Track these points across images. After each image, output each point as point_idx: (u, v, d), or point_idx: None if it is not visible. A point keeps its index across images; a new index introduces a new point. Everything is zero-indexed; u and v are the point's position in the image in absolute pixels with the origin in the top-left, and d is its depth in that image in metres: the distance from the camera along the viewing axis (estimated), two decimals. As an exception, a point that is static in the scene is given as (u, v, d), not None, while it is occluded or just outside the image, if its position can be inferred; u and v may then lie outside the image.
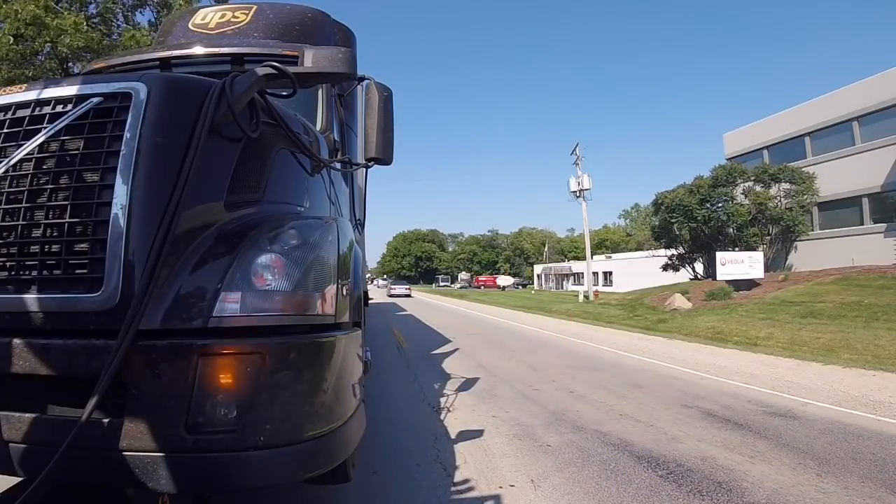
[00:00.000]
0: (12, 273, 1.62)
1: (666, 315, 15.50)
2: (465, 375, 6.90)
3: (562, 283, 58.91)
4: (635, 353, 9.45)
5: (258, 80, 1.92)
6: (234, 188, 1.89)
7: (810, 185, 19.98)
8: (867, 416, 4.93)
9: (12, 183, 1.66)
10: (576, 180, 29.32)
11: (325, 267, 1.84)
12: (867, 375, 7.00)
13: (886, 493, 3.10)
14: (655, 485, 3.21)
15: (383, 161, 3.09)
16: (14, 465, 1.53)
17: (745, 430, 4.42)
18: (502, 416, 4.87)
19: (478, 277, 73.96)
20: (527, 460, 3.67)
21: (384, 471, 3.40)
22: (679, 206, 21.09)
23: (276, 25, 3.75)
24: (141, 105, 1.67)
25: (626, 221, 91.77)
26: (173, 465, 1.47)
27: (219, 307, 1.59)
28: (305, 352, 1.69)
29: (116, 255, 1.55)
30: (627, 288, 30.47)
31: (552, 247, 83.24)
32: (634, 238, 76.11)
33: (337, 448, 1.79)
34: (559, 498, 3.04)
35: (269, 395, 1.57)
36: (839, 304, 11.99)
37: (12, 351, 1.53)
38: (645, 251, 48.66)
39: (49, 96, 1.75)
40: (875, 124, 18.67)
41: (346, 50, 2.41)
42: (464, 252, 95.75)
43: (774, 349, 9.64)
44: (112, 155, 1.63)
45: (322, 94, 3.12)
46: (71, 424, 1.39)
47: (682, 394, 5.92)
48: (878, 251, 17.39)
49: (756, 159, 23.57)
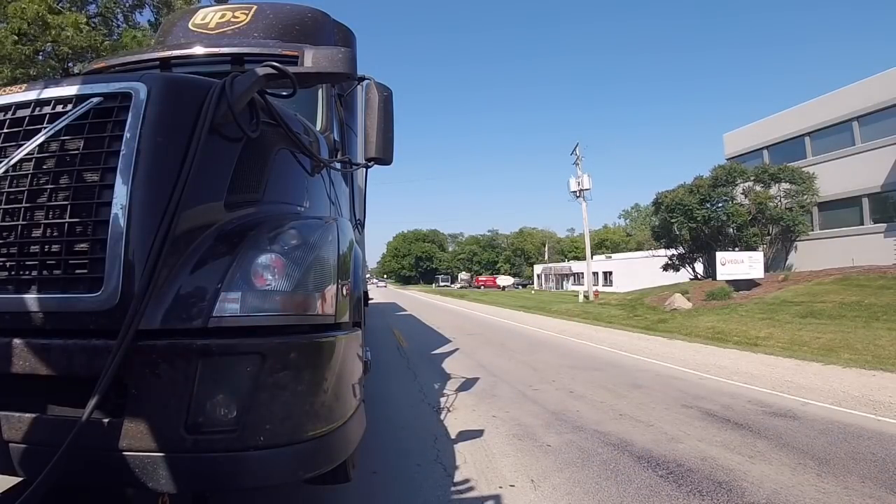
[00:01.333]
0: (12, 273, 1.62)
1: (666, 315, 15.50)
2: (465, 375, 6.90)
3: (562, 283, 58.88)
4: (635, 353, 9.45)
5: (258, 80, 1.92)
6: (234, 188, 1.89)
7: (810, 185, 19.96)
8: (867, 416, 4.93)
9: (12, 183, 1.66)
10: (576, 180, 29.29)
11: (325, 267, 1.84)
12: (867, 375, 7.00)
13: (886, 493, 3.10)
14: (655, 485, 3.21)
15: (383, 161, 3.09)
16: (14, 465, 1.53)
17: (745, 430, 4.42)
18: (502, 416, 4.87)
19: (478, 277, 73.91)
20: (527, 460, 3.67)
21: (384, 471, 3.40)
22: (679, 206, 21.09)
23: (276, 25, 3.74)
24: (141, 105, 1.67)
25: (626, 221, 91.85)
26: (173, 465, 1.47)
27: (219, 307, 1.59)
28: (305, 352, 1.69)
29: (116, 255, 1.55)
30: (627, 288, 30.46)
31: (552, 247, 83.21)
32: (634, 238, 76.10)
33: (337, 448, 1.79)
34: (559, 498, 3.04)
35: (269, 395, 1.57)
36: (839, 304, 11.98)
37: (12, 351, 1.53)
38: (645, 251, 48.63)
39: (49, 96, 1.75)
40: (875, 124, 18.65)
41: (346, 50, 2.41)
42: (464, 252, 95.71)
43: (774, 349, 9.63)
44: (112, 155, 1.63)
45: (322, 94, 3.12)
46: (71, 424, 1.39)
47: (682, 394, 5.92)
48: (878, 251, 17.38)
49: (756, 159, 23.56)
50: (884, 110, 18.21)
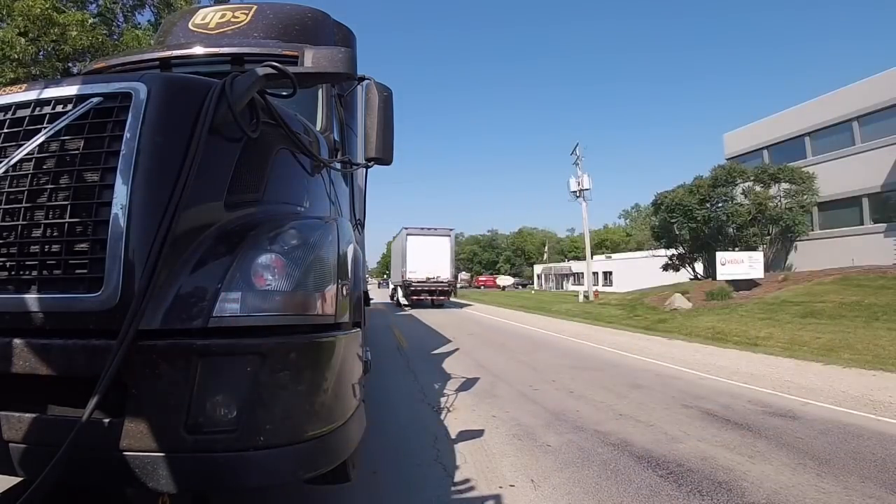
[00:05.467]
0: (12, 273, 1.62)
1: (666, 315, 15.49)
2: (465, 375, 6.90)
3: (562, 283, 58.90)
4: (635, 352, 9.45)
5: (258, 80, 1.92)
6: (234, 188, 1.89)
7: (810, 185, 19.97)
8: (867, 416, 4.93)
9: (12, 183, 1.66)
10: (576, 180, 29.27)
11: (325, 267, 1.84)
12: (867, 375, 7.00)
13: (886, 493, 3.10)
14: (655, 485, 3.21)
15: (383, 161, 3.09)
16: (14, 465, 1.53)
17: (745, 430, 4.42)
18: (502, 416, 4.87)
19: (478, 277, 73.84)
20: (527, 460, 3.67)
21: (384, 471, 3.40)
22: (679, 206, 21.10)
23: (276, 25, 3.75)
24: (141, 105, 1.67)
25: (626, 221, 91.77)
26: (173, 465, 1.47)
27: (219, 307, 1.59)
28: (305, 352, 1.69)
29: (116, 255, 1.55)
30: (627, 288, 30.45)
31: (552, 247, 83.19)
32: (634, 238, 76.08)
33: (337, 448, 1.79)
34: (559, 498, 3.04)
35: (270, 395, 1.57)
36: (839, 304, 11.98)
37: (12, 351, 1.53)
38: (645, 251, 48.65)
39: (49, 96, 1.75)
40: (875, 124, 18.66)
41: (346, 50, 2.41)
42: (464, 252, 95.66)
43: (774, 349, 9.63)
44: (112, 155, 1.63)
45: (322, 94, 3.12)
46: (71, 424, 1.39)
47: (682, 394, 5.92)
48: (878, 251, 17.38)
49: (756, 159, 23.56)
50: (884, 110, 18.22)
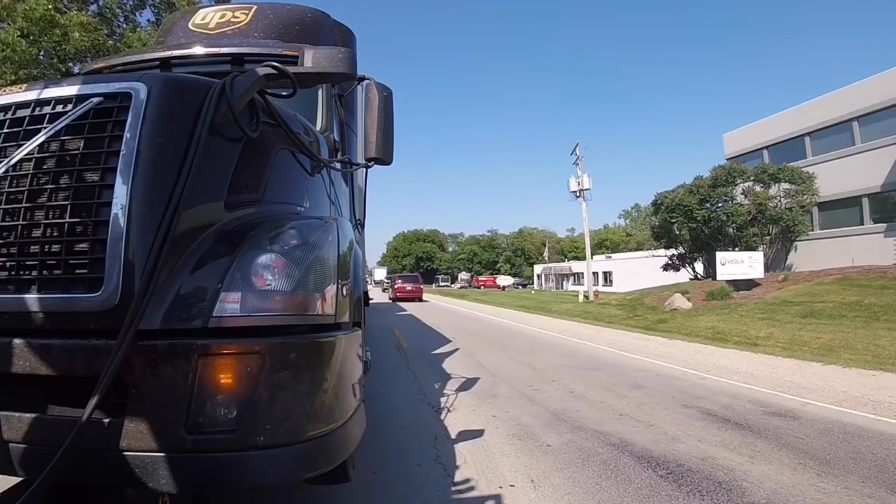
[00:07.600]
0: (12, 273, 1.62)
1: (666, 315, 15.49)
2: (465, 375, 6.90)
3: (562, 283, 58.92)
4: (635, 353, 9.45)
5: (258, 80, 1.92)
6: (234, 188, 1.89)
7: (810, 185, 19.96)
8: (867, 416, 4.93)
9: (12, 183, 1.66)
10: (576, 180, 29.29)
11: (325, 267, 1.84)
12: (867, 375, 7.00)
13: (886, 493, 3.10)
14: (655, 485, 3.21)
15: (383, 161, 3.09)
16: (14, 465, 1.53)
17: (745, 430, 4.42)
18: (502, 416, 4.87)
19: (478, 277, 73.91)
20: (527, 460, 3.67)
21: (384, 471, 3.40)
22: (679, 206, 21.08)
23: (276, 25, 3.75)
24: (141, 105, 1.67)
25: (626, 221, 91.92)
26: (173, 465, 1.47)
27: (219, 307, 1.59)
28: (305, 352, 1.69)
29: (116, 255, 1.55)
30: (627, 288, 30.45)
31: (552, 247, 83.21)
32: (634, 238, 76.16)
33: (337, 448, 1.79)
34: (559, 498, 3.04)
35: (269, 395, 1.57)
36: (839, 304, 11.98)
37: (12, 351, 1.53)
38: (645, 251, 48.62)
39: (49, 96, 1.75)
40: (875, 124, 18.65)
41: (346, 50, 2.41)
42: (464, 252, 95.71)
43: (774, 349, 9.63)
44: (112, 155, 1.63)
45: (322, 94, 3.12)
46: (71, 424, 1.39)
47: (682, 394, 5.92)
48: (878, 251, 17.38)
49: (756, 159, 23.55)
50: (884, 110, 18.22)
